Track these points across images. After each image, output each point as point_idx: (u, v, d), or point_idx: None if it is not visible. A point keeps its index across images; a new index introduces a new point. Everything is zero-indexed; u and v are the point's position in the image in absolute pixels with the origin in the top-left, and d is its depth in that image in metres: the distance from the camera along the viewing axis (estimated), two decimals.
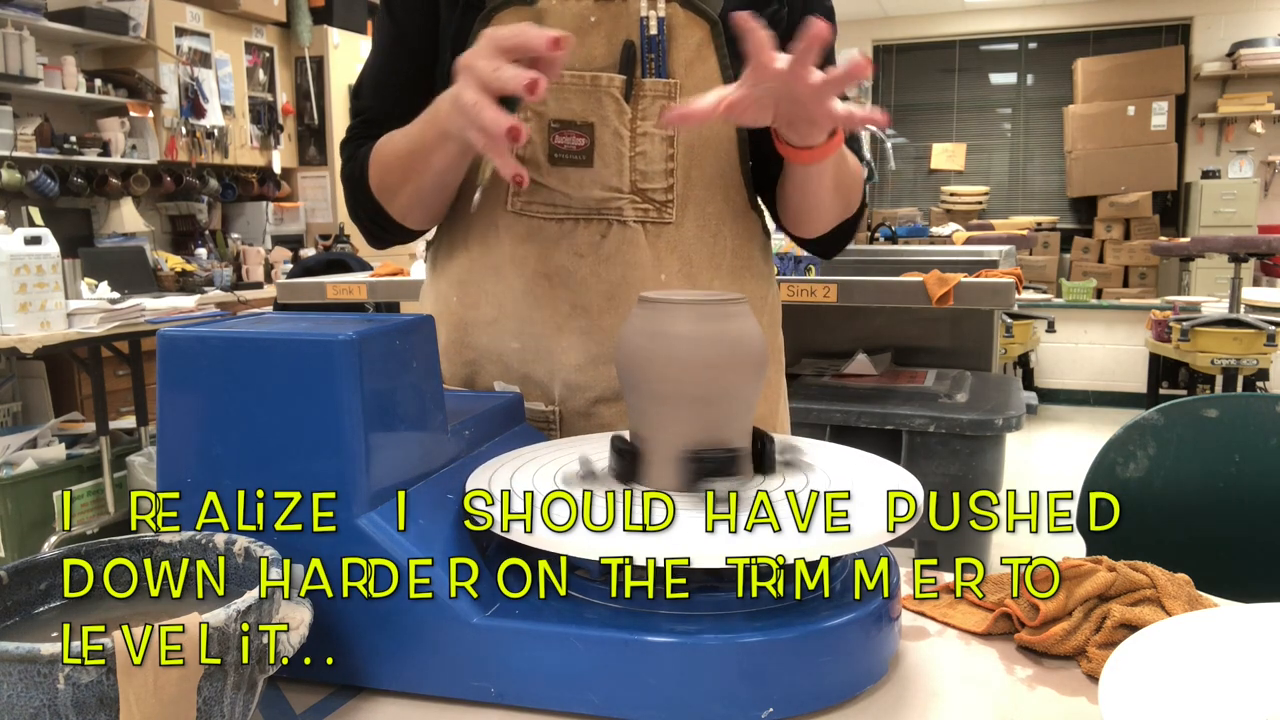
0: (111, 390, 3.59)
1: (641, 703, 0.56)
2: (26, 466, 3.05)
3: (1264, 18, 6.64)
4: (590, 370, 0.92)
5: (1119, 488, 1.07)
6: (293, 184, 5.81)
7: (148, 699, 0.45)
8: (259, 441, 0.61)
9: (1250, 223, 6.45)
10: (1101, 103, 6.77)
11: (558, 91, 0.88)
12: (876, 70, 7.66)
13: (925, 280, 2.22)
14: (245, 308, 4.25)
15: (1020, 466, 4.60)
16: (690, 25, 0.88)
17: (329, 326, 0.63)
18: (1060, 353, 6.21)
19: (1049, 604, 0.66)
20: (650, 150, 0.89)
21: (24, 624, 0.54)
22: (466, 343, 0.96)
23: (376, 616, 0.60)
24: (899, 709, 0.59)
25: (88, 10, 4.43)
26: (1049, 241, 6.84)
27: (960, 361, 2.72)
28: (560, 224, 0.90)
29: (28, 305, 2.86)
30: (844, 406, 2.17)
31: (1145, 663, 0.53)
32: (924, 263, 2.63)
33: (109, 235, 4.70)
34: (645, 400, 0.67)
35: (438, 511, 0.64)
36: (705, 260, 0.93)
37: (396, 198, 0.90)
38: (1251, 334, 4.60)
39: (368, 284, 2.82)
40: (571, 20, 0.87)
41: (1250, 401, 1.04)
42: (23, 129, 4.24)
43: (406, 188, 0.89)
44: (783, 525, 0.58)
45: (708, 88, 0.89)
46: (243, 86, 5.32)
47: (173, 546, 0.59)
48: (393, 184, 0.89)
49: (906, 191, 7.72)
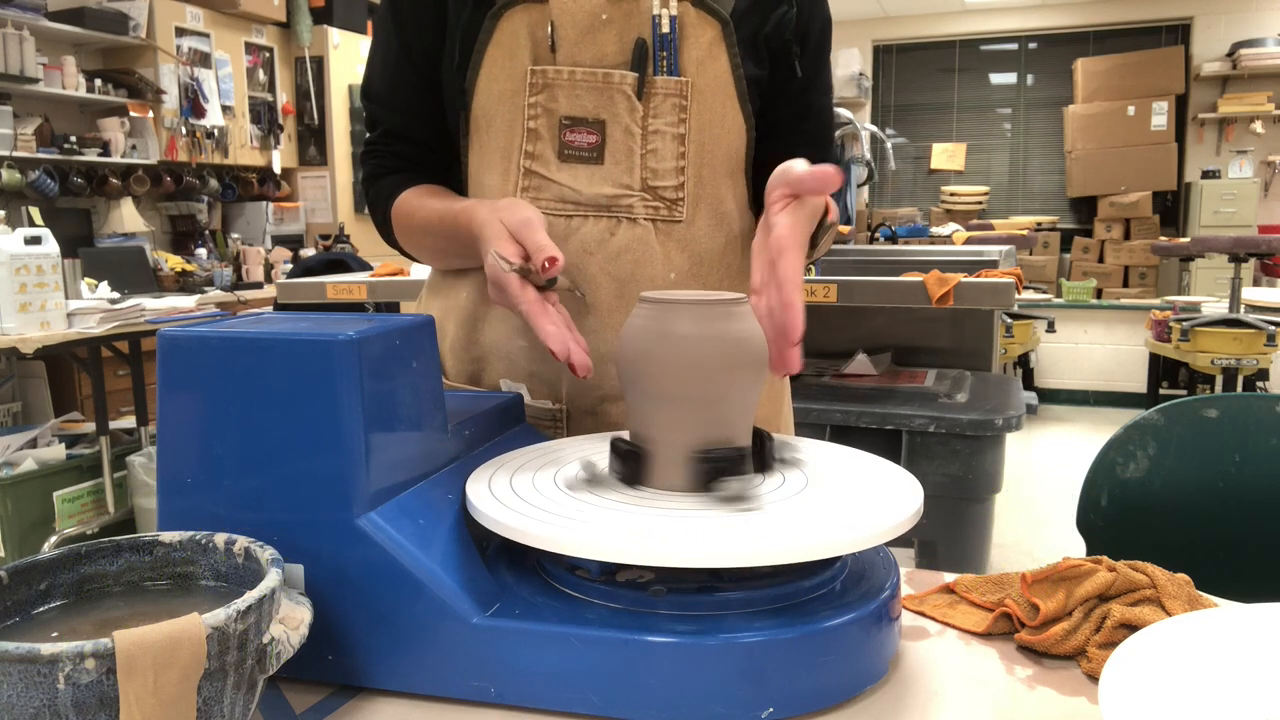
0: (111, 390, 3.59)
1: (641, 703, 0.56)
2: (26, 466, 3.05)
3: (1264, 18, 6.65)
4: (598, 368, 0.91)
5: (1119, 488, 1.07)
6: (293, 184, 5.81)
7: (148, 699, 0.45)
8: (259, 441, 0.61)
9: (1250, 223, 6.45)
10: (1101, 103, 6.77)
11: (569, 88, 0.88)
12: (876, 70, 7.66)
13: (925, 280, 2.22)
14: (245, 308, 4.25)
15: (1020, 466, 4.61)
16: (702, 24, 0.88)
17: (329, 326, 0.63)
18: (1060, 353, 6.22)
19: (1049, 604, 0.66)
20: (661, 148, 0.89)
21: (24, 624, 0.54)
22: (474, 339, 0.96)
23: (376, 616, 0.60)
24: (899, 709, 0.59)
25: (88, 10, 4.44)
26: (1049, 241, 6.85)
27: (960, 361, 2.72)
28: (569, 221, 0.90)
29: (28, 305, 2.86)
30: (844, 406, 2.17)
31: (1145, 663, 0.53)
32: (924, 263, 2.63)
33: (109, 235, 4.70)
34: (646, 400, 0.67)
35: (438, 511, 0.64)
36: (715, 259, 0.93)
37: (419, 255, 1.00)
38: (1251, 334, 4.60)
39: (368, 284, 2.82)
40: (583, 17, 0.87)
41: (1250, 401, 1.04)
42: (23, 129, 4.24)
43: (428, 255, 0.99)
44: (783, 525, 0.58)
45: (719, 86, 0.89)
46: (243, 86, 5.32)
47: (173, 546, 0.59)
48: (415, 247, 0.98)
49: (906, 191, 7.72)
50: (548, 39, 0.87)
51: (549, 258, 0.73)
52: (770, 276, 0.69)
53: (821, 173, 0.69)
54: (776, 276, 0.68)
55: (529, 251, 0.75)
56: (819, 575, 0.63)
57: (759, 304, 0.70)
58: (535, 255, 0.74)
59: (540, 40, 0.87)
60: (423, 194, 0.95)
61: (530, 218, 0.77)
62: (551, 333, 0.73)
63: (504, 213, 0.78)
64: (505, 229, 0.77)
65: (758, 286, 0.71)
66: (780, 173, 0.73)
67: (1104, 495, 1.07)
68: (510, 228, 0.77)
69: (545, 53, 0.88)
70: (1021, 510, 3.95)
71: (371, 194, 1.00)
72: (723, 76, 0.89)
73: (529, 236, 0.75)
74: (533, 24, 0.87)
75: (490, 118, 0.90)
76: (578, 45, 0.87)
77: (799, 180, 0.71)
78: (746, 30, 0.90)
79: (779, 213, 0.71)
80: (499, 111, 0.90)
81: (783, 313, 0.66)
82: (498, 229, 0.77)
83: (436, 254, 0.97)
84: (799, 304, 0.66)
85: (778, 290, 0.67)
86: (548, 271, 0.73)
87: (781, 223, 0.70)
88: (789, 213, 0.71)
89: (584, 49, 0.87)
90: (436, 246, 0.95)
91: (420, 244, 0.97)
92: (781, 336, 0.67)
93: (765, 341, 0.68)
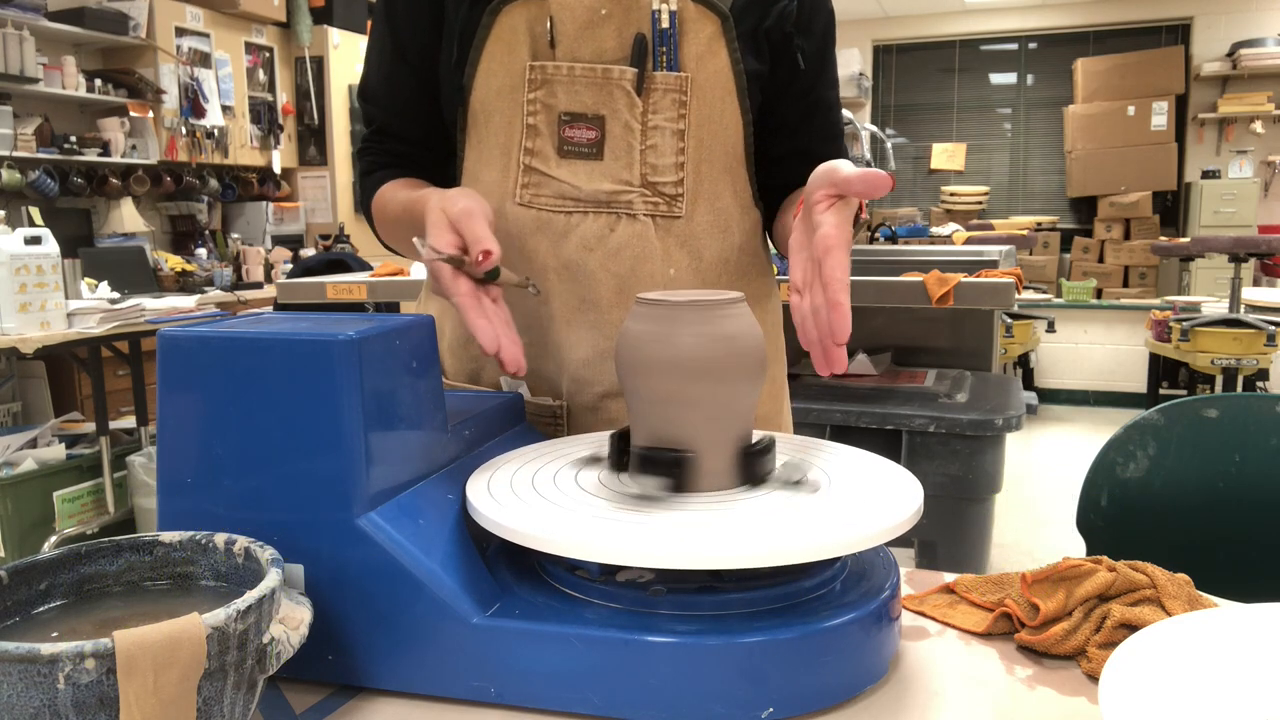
0: (111, 390, 3.59)
1: (641, 703, 0.56)
2: (26, 466, 3.05)
3: (1264, 18, 6.65)
4: (598, 365, 0.91)
5: (1119, 488, 1.07)
6: (293, 184, 5.81)
7: (148, 699, 0.45)
8: (259, 441, 0.61)
9: (1250, 223, 6.45)
10: (1101, 103, 6.77)
11: (568, 84, 0.88)
12: (876, 70, 7.66)
13: (925, 280, 2.22)
14: (245, 308, 4.25)
15: (1020, 466, 4.61)
16: (701, 19, 0.88)
17: (329, 326, 0.63)
18: (1060, 353, 6.22)
19: (1049, 604, 0.66)
20: (661, 144, 0.89)
21: (24, 624, 0.54)
22: (472, 338, 0.95)
23: (376, 616, 0.60)
24: (899, 709, 0.59)
25: (88, 10, 4.43)
26: (1049, 241, 6.84)
27: (960, 361, 2.72)
28: (569, 217, 0.90)
29: (28, 305, 2.86)
30: (844, 406, 2.17)
31: (1145, 663, 0.53)
32: (924, 263, 2.63)
33: (109, 235, 4.70)
34: (646, 401, 0.67)
35: (438, 511, 0.64)
36: (714, 255, 0.93)
37: (398, 248, 1.00)
38: (1251, 334, 4.60)
39: (368, 284, 2.82)
40: (583, 13, 0.87)
41: (1250, 401, 1.04)
42: (23, 129, 4.24)
43: (404, 248, 0.98)
44: (783, 525, 0.58)
45: (719, 82, 0.89)
46: (243, 86, 5.32)
47: (173, 546, 0.59)
48: (392, 240, 0.99)
49: (906, 191, 7.72)
50: (547, 34, 0.87)
51: (484, 250, 0.71)
52: (815, 276, 0.68)
53: (872, 175, 0.68)
54: (822, 276, 0.67)
55: (467, 243, 0.73)
56: (819, 575, 0.63)
57: (802, 304, 0.69)
58: (472, 247, 0.72)
59: (539, 36, 0.87)
60: (397, 187, 0.94)
61: (471, 207, 0.74)
62: (481, 326, 0.71)
63: (447, 201, 0.76)
64: (445, 218, 0.75)
65: (800, 285, 0.70)
66: (825, 172, 0.71)
67: (1104, 495, 1.07)
68: (451, 217, 0.75)
69: (544, 48, 0.87)
70: (1021, 510, 3.95)
71: (362, 190, 1.00)
72: (722, 72, 0.89)
73: (468, 227, 0.73)
74: (532, 19, 0.87)
75: (489, 114, 0.90)
76: (577, 40, 0.87)
77: (846, 182, 0.69)
78: (747, 25, 0.90)
79: (824, 212, 0.69)
80: (498, 107, 0.90)
81: (829, 312, 0.66)
82: (438, 217, 0.75)
83: (408, 246, 0.95)
84: (846, 304, 0.65)
85: (824, 290, 0.67)
86: (482, 264, 0.72)
87: (827, 221, 0.69)
88: (834, 212, 0.69)
89: (583, 44, 0.87)
90: (404, 238, 0.93)
91: (394, 236, 0.97)
92: (828, 336, 0.66)
93: (763, 341, 0.68)
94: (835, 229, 0.68)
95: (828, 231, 0.68)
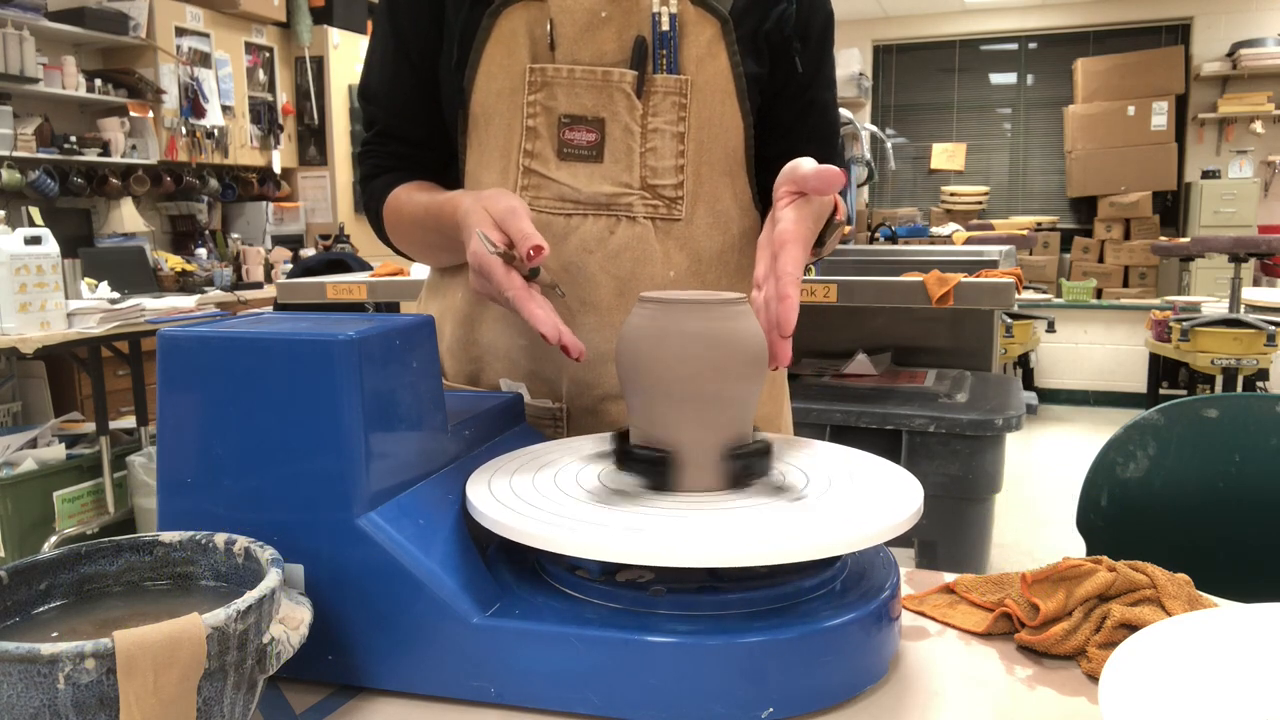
0: (111, 390, 3.59)
1: (641, 703, 0.56)
2: (26, 466, 3.05)
3: (1264, 18, 6.65)
4: (598, 367, 0.91)
5: (1119, 488, 1.07)
6: (293, 184, 5.81)
7: (148, 699, 0.45)
8: (259, 441, 0.61)
9: (1250, 223, 6.45)
10: (1101, 103, 6.77)
11: (568, 86, 0.88)
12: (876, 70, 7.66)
13: (925, 280, 2.22)
14: (245, 308, 4.25)
15: (1020, 466, 4.61)
16: (701, 22, 0.88)
17: (329, 326, 0.63)
18: (1060, 353, 6.22)
19: (1049, 604, 0.66)
20: (661, 146, 0.89)
21: (24, 624, 0.54)
22: (472, 339, 0.95)
23: (376, 616, 0.60)
24: (899, 709, 0.59)
25: (88, 10, 4.43)
26: (1049, 241, 6.84)
27: (960, 361, 2.72)
28: (569, 219, 0.90)
29: (28, 305, 2.86)
30: (844, 406, 2.17)
31: (1145, 663, 0.53)
32: (924, 263, 2.63)
33: (109, 235, 4.70)
34: (646, 401, 0.67)
35: (437, 511, 0.64)
36: (714, 257, 0.93)
37: (410, 251, 1.01)
38: (1251, 334, 4.60)
39: (368, 284, 2.82)
40: (583, 15, 0.87)
41: (1250, 401, 1.04)
42: (23, 129, 4.24)
43: (417, 251, 1.00)
44: (783, 525, 0.58)
45: (719, 84, 0.90)
46: (243, 86, 5.32)
47: (173, 546, 0.59)
48: (406, 243, 0.99)
49: (906, 191, 7.72)
50: (547, 37, 0.87)
51: (534, 245, 0.72)
52: (771, 270, 0.70)
53: (826, 172, 0.70)
54: (775, 269, 0.68)
55: (514, 240, 0.74)
56: (819, 575, 0.63)
57: (757, 297, 0.71)
58: (520, 243, 0.73)
59: (539, 38, 0.87)
60: (412, 189, 0.95)
61: (515, 206, 0.76)
62: (541, 317, 0.72)
63: (488, 201, 0.77)
64: (489, 217, 0.76)
65: (759, 280, 0.72)
66: (787, 170, 0.73)
67: (1104, 495, 1.07)
68: (495, 216, 0.76)
69: (544, 50, 0.88)
70: (1021, 510, 3.95)
71: (366, 193, 1.00)
72: (722, 74, 0.89)
73: (514, 225, 0.74)
74: (532, 22, 0.87)
75: (489, 116, 0.90)
76: (577, 43, 0.87)
77: (804, 179, 0.71)
78: (746, 27, 0.90)
79: (784, 208, 0.72)
80: (498, 110, 0.90)
81: (777, 304, 0.67)
82: (481, 216, 0.76)
83: (425, 248, 0.97)
84: (795, 297, 0.66)
85: (775, 283, 0.68)
86: (533, 260, 0.73)
87: (786, 217, 0.71)
88: (794, 208, 0.72)
89: (583, 47, 0.87)
90: (425, 240, 0.95)
91: (409, 239, 0.97)
92: (774, 329, 0.67)
93: (764, 341, 0.68)
94: (793, 224, 0.70)
95: (785, 227, 0.70)
